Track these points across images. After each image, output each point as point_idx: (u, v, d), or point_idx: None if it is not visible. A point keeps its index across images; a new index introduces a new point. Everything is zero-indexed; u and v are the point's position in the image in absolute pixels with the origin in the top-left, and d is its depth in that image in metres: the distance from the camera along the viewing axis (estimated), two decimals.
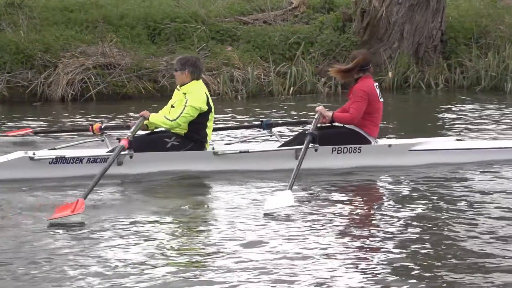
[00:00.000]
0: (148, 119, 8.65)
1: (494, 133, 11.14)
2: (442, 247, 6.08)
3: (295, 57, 16.23)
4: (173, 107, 8.83)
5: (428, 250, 6.02)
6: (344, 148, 8.71)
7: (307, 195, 7.89)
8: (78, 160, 8.36)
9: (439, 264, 5.69)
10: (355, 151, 8.78)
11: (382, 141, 9.20)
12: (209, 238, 6.47)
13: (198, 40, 16.24)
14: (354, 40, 16.58)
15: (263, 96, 15.69)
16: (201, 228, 6.78)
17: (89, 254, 5.96)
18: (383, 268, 5.63)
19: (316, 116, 8.83)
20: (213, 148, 8.87)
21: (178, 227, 6.79)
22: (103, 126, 9.23)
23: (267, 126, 9.52)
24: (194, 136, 8.71)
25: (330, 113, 8.88)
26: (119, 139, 8.26)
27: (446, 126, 12.12)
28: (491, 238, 6.25)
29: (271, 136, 9.77)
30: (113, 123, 12.10)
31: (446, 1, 17.13)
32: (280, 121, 9.86)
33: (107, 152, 8.60)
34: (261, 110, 14.07)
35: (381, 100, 8.90)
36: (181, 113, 8.62)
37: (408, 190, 8.03)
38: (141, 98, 15.25)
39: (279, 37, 16.56)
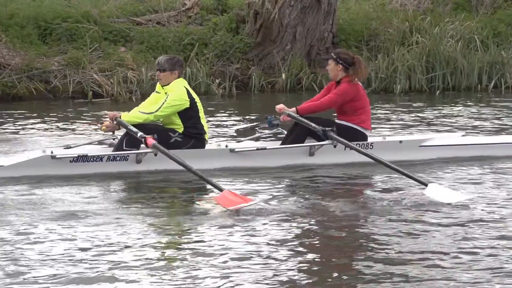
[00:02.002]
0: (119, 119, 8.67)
1: (390, 132, 11.41)
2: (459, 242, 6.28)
3: (189, 58, 16.22)
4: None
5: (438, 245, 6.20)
6: (356, 144, 8.85)
7: (323, 190, 8.15)
8: (99, 158, 8.56)
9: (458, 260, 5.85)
10: (367, 147, 8.98)
11: (393, 138, 9.69)
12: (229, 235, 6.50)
13: (90, 40, 16.04)
14: (248, 41, 16.70)
15: None
16: (217, 224, 6.81)
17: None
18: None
19: (295, 116, 9.00)
20: (226, 146, 9.05)
21: (196, 225, 6.81)
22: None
23: (270, 123, 9.50)
24: (192, 131, 8.81)
25: (292, 109, 9.07)
26: (144, 138, 8.32)
27: None
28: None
29: (276, 133, 9.79)
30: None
31: (337, 4, 17.43)
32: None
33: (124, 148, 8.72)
34: None
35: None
36: (160, 106, 8.69)
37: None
38: (33, 99, 14.98)
39: (173, 38, 16.53)
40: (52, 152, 8.55)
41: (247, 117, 13.16)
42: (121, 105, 14.75)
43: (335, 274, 5.57)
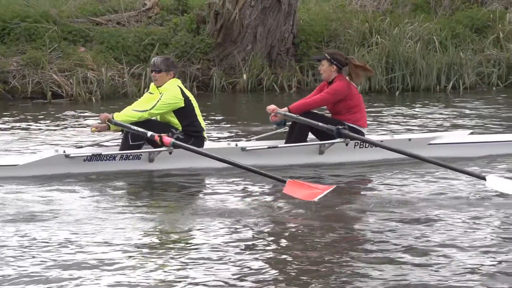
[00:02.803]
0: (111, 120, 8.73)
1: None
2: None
3: (149, 59, 16.14)
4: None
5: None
6: (366, 143, 9.06)
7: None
8: (112, 157, 8.68)
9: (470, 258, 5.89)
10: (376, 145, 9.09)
11: (401, 136, 9.84)
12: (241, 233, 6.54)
13: (50, 40, 15.90)
14: (209, 42, 16.67)
15: (118, 98, 15.54)
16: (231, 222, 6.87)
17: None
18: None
19: (295, 116, 9.06)
20: (236, 145, 9.11)
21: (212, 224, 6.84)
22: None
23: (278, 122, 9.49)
24: (191, 129, 8.85)
25: (284, 108, 9.13)
26: (160, 137, 8.39)
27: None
28: None
29: (285, 131, 9.79)
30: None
31: (297, 5, 17.48)
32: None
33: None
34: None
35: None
36: (155, 104, 8.74)
37: (429, 182, 8.35)
38: None
39: (133, 38, 16.45)
40: (64, 151, 8.64)
41: (211, 117, 13.13)
42: (80, 106, 14.66)
43: (346, 273, 5.60)
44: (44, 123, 12.60)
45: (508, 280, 5.41)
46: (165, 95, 8.80)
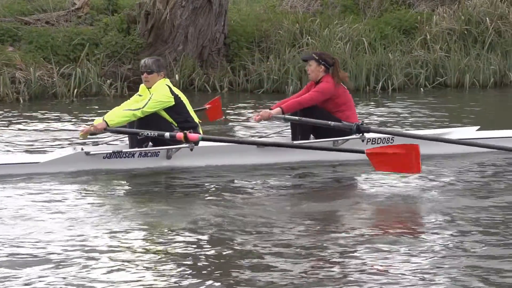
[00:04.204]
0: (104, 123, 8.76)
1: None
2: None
3: (79, 59, 15.97)
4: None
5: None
6: (378, 139, 9.30)
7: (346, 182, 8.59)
8: (131, 154, 8.85)
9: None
10: (388, 141, 9.34)
11: (412, 132, 9.98)
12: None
13: None
14: (140, 42, 16.56)
15: (46, 98, 15.33)
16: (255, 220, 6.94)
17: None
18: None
19: (297, 118, 9.21)
20: None
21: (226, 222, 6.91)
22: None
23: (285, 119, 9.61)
24: (186, 125, 8.88)
25: (278, 109, 9.24)
26: (185, 134, 8.57)
27: (228, 128, 12.42)
28: None
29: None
30: None
31: (228, 5, 17.49)
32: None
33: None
34: (47, 112, 13.78)
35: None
36: (147, 103, 8.78)
37: (440, 177, 8.59)
38: None
39: (63, 38, 16.23)
40: (82, 149, 8.85)
41: None
42: (7, 106, 14.43)
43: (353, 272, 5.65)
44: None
45: None
46: (155, 94, 8.86)
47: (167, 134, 8.63)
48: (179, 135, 8.56)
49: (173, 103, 8.92)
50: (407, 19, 18.42)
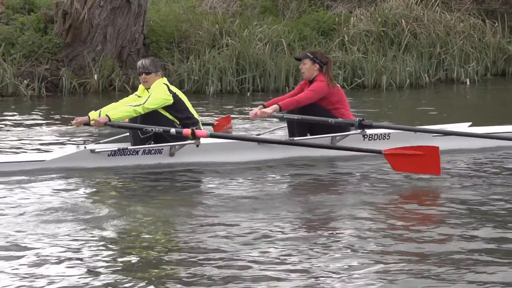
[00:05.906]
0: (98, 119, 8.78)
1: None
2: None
3: None
4: None
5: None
6: (375, 135, 9.40)
7: (343, 177, 8.61)
8: (135, 152, 8.92)
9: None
10: (384, 137, 9.44)
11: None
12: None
13: None
14: (57, 42, 16.33)
15: None
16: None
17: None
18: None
19: (299, 116, 9.26)
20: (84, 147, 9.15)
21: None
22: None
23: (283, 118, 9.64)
24: (188, 122, 8.90)
25: (275, 106, 9.27)
26: (193, 130, 8.61)
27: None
28: None
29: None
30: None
31: (147, 5, 17.39)
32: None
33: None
34: None
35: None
36: (147, 99, 8.81)
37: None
38: None
39: None
40: (85, 147, 8.94)
41: (60, 118, 12.89)
42: None
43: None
44: None
45: None
46: (154, 92, 8.91)
47: (173, 130, 8.70)
48: (186, 131, 8.65)
49: (172, 101, 8.97)
50: (325, 21, 18.62)
